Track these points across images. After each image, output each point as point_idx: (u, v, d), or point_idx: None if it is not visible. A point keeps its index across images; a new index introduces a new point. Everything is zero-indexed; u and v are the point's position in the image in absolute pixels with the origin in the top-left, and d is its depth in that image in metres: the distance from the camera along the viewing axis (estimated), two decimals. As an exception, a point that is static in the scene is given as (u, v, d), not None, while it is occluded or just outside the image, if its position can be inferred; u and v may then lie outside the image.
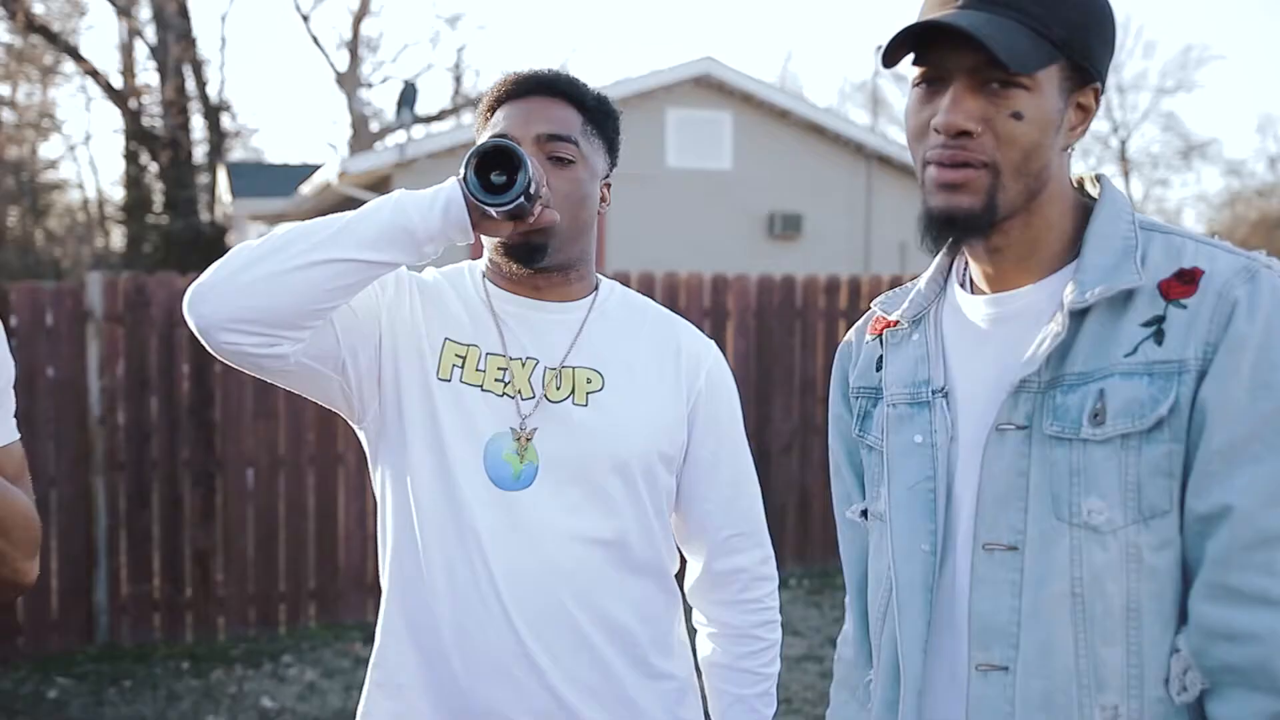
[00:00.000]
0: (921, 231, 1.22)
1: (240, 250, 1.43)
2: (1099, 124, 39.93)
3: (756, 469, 1.72)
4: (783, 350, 6.36)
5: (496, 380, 1.55)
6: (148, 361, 5.28)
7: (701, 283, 6.16)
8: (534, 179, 1.40)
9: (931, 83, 1.17)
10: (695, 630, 1.74)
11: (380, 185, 12.60)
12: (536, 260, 1.54)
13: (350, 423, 1.64)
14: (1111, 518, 1.10)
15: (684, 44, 60.96)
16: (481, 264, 1.66)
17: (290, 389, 1.57)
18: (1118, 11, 1.22)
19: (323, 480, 5.56)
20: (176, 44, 20.02)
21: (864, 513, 1.37)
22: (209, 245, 19.95)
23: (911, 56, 1.17)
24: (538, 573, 1.50)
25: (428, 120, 22.61)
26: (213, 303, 1.39)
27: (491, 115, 1.59)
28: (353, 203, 13.54)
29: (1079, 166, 1.27)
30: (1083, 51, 1.15)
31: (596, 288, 1.66)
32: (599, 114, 1.60)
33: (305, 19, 24.88)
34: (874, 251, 13.90)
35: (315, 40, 28.36)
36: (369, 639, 5.40)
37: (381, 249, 1.41)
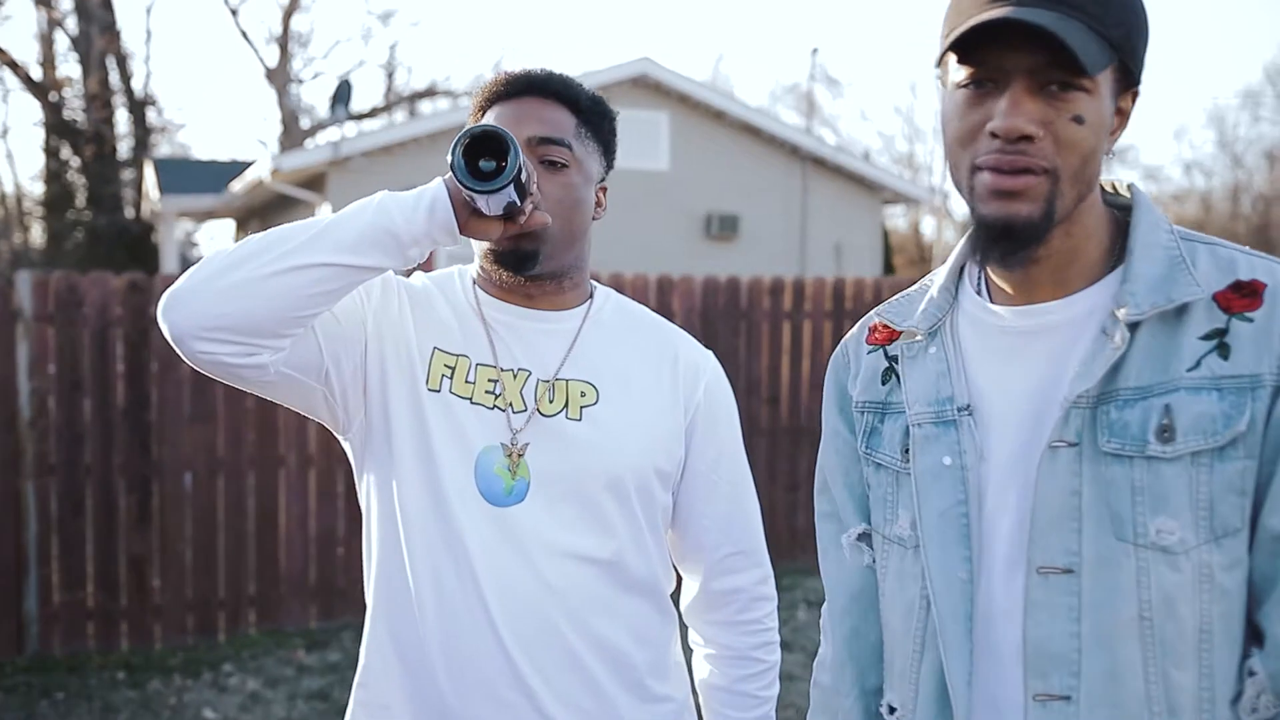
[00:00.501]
0: (974, 242, 1.16)
1: (216, 255, 1.35)
2: (1024, 128, 40.56)
3: None
4: (728, 351, 6.36)
5: (487, 392, 1.49)
6: (80, 362, 5.11)
7: (647, 284, 6.15)
8: (525, 169, 1.34)
9: (981, 84, 1.11)
10: (691, 650, 1.69)
11: (314, 183, 12.41)
12: (527, 268, 1.48)
13: (335, 433, 1.57)
14: (1184, 537, 1.06)
15: (617, 44, 60.93)
16: (472, 270, 1.60)
17: (273, 400, 1.50)
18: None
19: (263, 483, 5.44)
20: (100, 36, 19.56)
21: (861, 536, 1.31)
22: (135, 242, 19.51)
23: (954, 56, 1.12)
24: (530, 591, 1.45)
25: (359, 118, 22.34)
26: (186, 310, 1.32)
27: (481, 117, 1.53)
28: (285, 200, 13.33)
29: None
30: (1130, 53, 1.12)
31: (591, 296, 1.60)
32: (593, 115, 1.54)
33: (234, 13, 24.30)
34: (810, 252, 14.00)
35: (244, 35, 27.86)
36: (312, 646, 5.33)
37: (363, 253, 1.34)
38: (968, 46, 1.10)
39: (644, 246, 12.80)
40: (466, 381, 1.49)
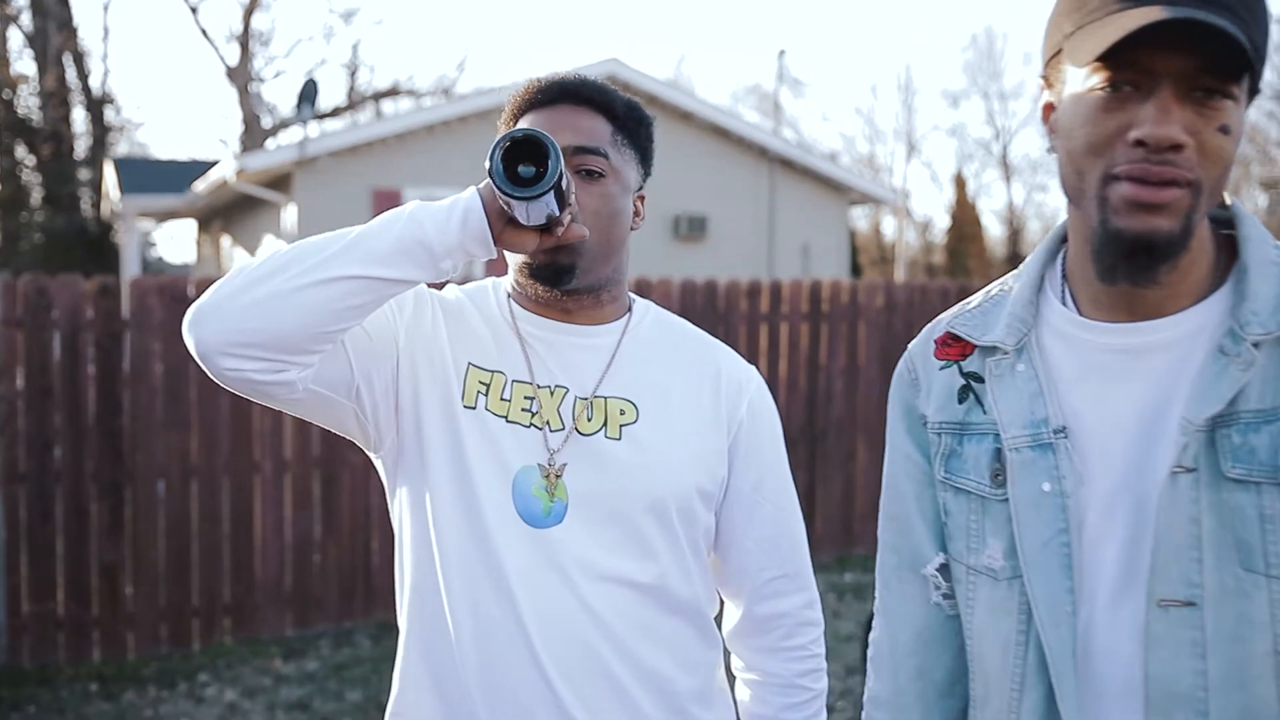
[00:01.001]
0: (1104, 258, 1.08)
1: (242, 268, 1.31)
2: (982, 129, 41.20)
3: None
4: (706, 354, 6.32)
5: (523, 410, 1.44)
6: (50, 368, 5.00)
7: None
8: (565, 176, 1.29)
9: (1118, 87, 1.03)
10: (734, 676, 1.63)
11: (280, 183, 12.27)
12: (564, 282, 1.43)
13: (367, 451, 1.52)
14: None
15: (580, 44, 60.83)
16: (506, 283, 1.55)
17: (303, 418, 1.45)
18: (995, 22, 1.12)
19: (238, 489, 5.35)
20: (57, 33, 19.25)
21: (940, 567, 1.24)
22: (94, 243, 19.23)
23: (1083, 55, 1.04)
24: (570, 615, 1.40)
25: (321, 117, 22.14)
26: (212, 326, 1.27)
27: (514, 125, 1.48)
28: (250, 201, 13.17)
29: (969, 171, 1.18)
30: (1262, 61, 1.05)
31: (630, 309, 1.56)
32: (630, 122, 1.49)
33: (194, 10, 24.06)
34: (778, 253, 14.02)
35: (204, 33, 27.48)
36: (289, 655, 5.25)
37: (394, 265, 1.29)
38: (1117, 47, 1.00)
39: (613, 247, 12.77)
40: (502, 399, 1.44)
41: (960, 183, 29.99)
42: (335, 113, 23.55)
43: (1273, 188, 32.76)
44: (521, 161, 1.27)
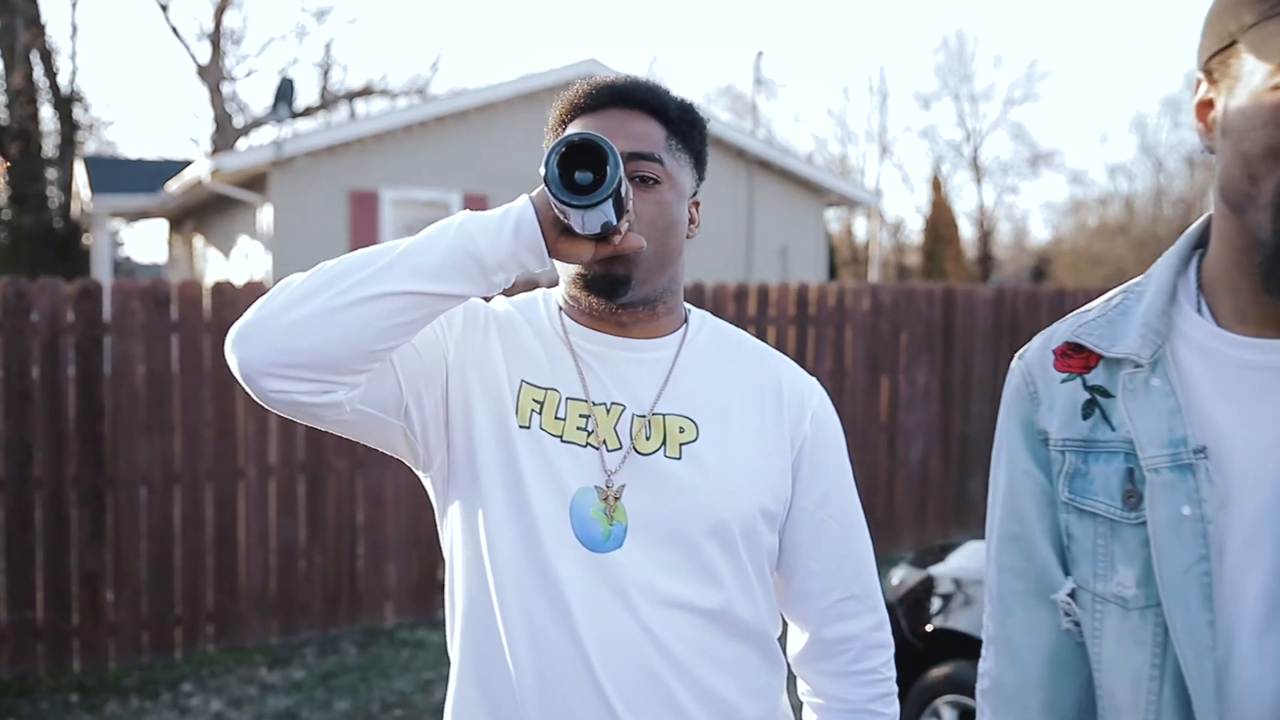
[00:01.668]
0: (1276, 272, 1.00)
1: (286, 284, 1.25)
2: (953, 131, 41.48)
3: None
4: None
5: (579, 429, 1.38)
6: (29, 371, 4.90)
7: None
8: (624, 183, 1.23)
9: None
10: (799, 703, 1.58)
11: (255, 183, 12.14)
12: (619, 294, 1.37)
13: (416, 470, 1.46)
14: None
15: (554, 45, 60.68)
16: (557, 294, 1.49)
17: (350, 438, 1.39)
18: (966, 24, 1.04)
19: (221, 495, 5.27)
20: (25, 30, 19.00)
21: (1071, 593, 1.16)
22: (63, 243, 18.99)
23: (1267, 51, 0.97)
24: (633, 641, 1.34)
25: (295, 116, 21.94)
26: (256, 345, 1.21)
27: (563, 129, 1.42)
28: (225, 201, 13.02)
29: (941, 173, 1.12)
30: None
31: (686, 320, 1.49)
32: (684, 125, 1.44)
33: (164, 8, 23.64)
34: (756, 255, 14.02)
35: (174, 31, 26.96)
36: (274, 663, 5.17)
37: (445, 279, 1.23)
38: None
39: (591, 249, 12.72)
40: (557, 418, 1.38)
41: (937, 184, 30.12)
42: (308, 112, 23.34)
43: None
44: (577, 168, 1.21)
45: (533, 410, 1.38)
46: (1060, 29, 58.66)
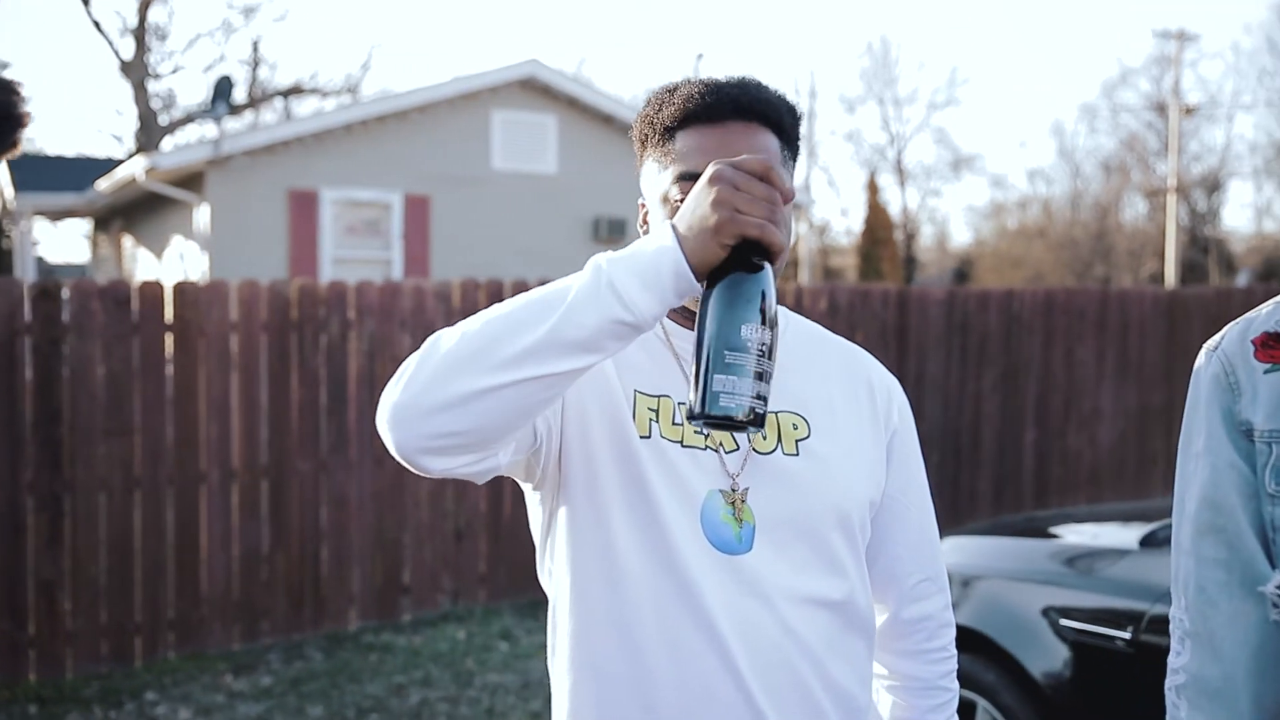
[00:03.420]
0: None
1: (430, 352, 1.18)
2: (877, 135, 42.04)
3: None
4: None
5: (696, 433, 1.36)
6: (-18, 374, 4.76)
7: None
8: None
9: None
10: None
11: (191, 181, 11.90)
12: None
13: (521, 484, 1.44)
14: None
15: (489, 44, 60.32)
16: None
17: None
18: (890, 30, 1.00)
19: (183, 500, 5.16)
20: (-60, 23, 18.38)
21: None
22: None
23: None
24: (776, 641, 1.34)
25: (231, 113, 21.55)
26: (410, 430, 1.16)
27: (671, 139, 1.37)
28: (157, 199, 12.73)
29: (860, 177, 1.12)
30: None
31: None
32: (794, 131, 1.42)
33: (85, 2, 23.15)
34: (697, 257, 14.06)
35: (97, 25, 26.23)
36: (237, 670, 5.08)
37: (599, 348, 1.16)
38: None
39: (532, 249, 12.68)
40: (674, 424, 1.37)
41: (873, 187, 30.51)
42: (235, 110, 22.93)
43: (1153, 195, 34.03)
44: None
45: (650, 419, 1.37)
46: (981, 36, 59.86)
